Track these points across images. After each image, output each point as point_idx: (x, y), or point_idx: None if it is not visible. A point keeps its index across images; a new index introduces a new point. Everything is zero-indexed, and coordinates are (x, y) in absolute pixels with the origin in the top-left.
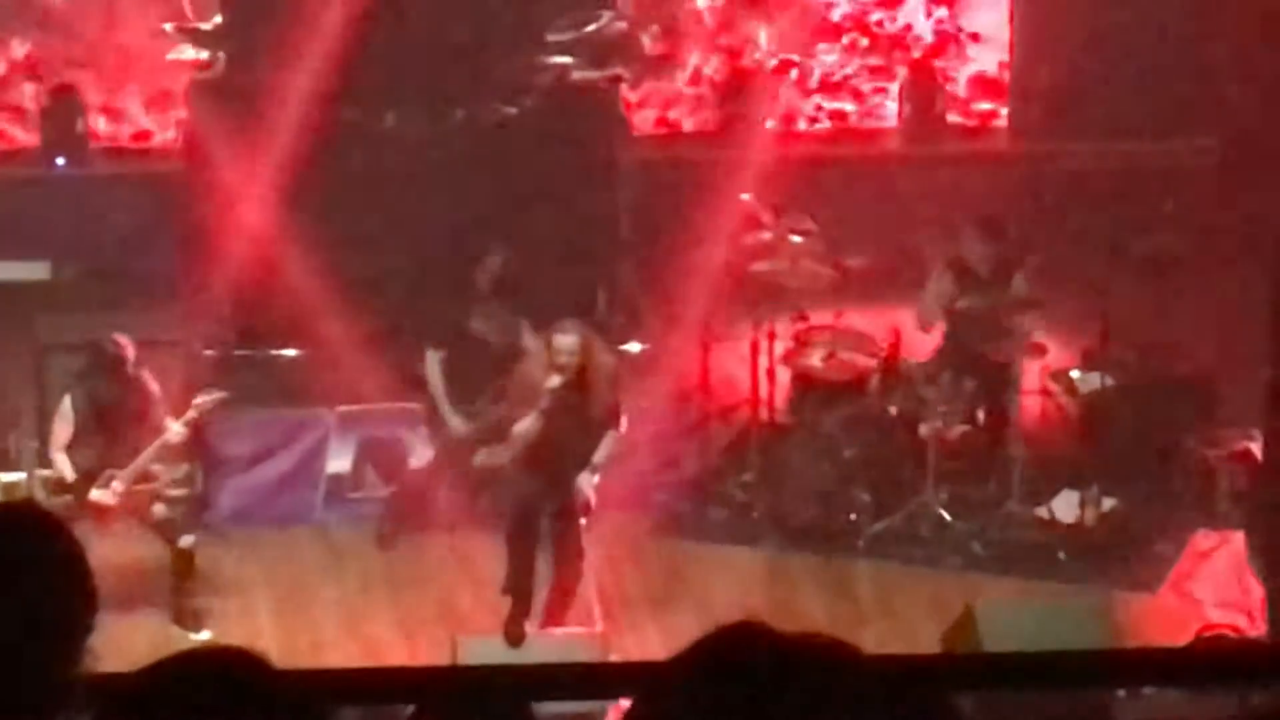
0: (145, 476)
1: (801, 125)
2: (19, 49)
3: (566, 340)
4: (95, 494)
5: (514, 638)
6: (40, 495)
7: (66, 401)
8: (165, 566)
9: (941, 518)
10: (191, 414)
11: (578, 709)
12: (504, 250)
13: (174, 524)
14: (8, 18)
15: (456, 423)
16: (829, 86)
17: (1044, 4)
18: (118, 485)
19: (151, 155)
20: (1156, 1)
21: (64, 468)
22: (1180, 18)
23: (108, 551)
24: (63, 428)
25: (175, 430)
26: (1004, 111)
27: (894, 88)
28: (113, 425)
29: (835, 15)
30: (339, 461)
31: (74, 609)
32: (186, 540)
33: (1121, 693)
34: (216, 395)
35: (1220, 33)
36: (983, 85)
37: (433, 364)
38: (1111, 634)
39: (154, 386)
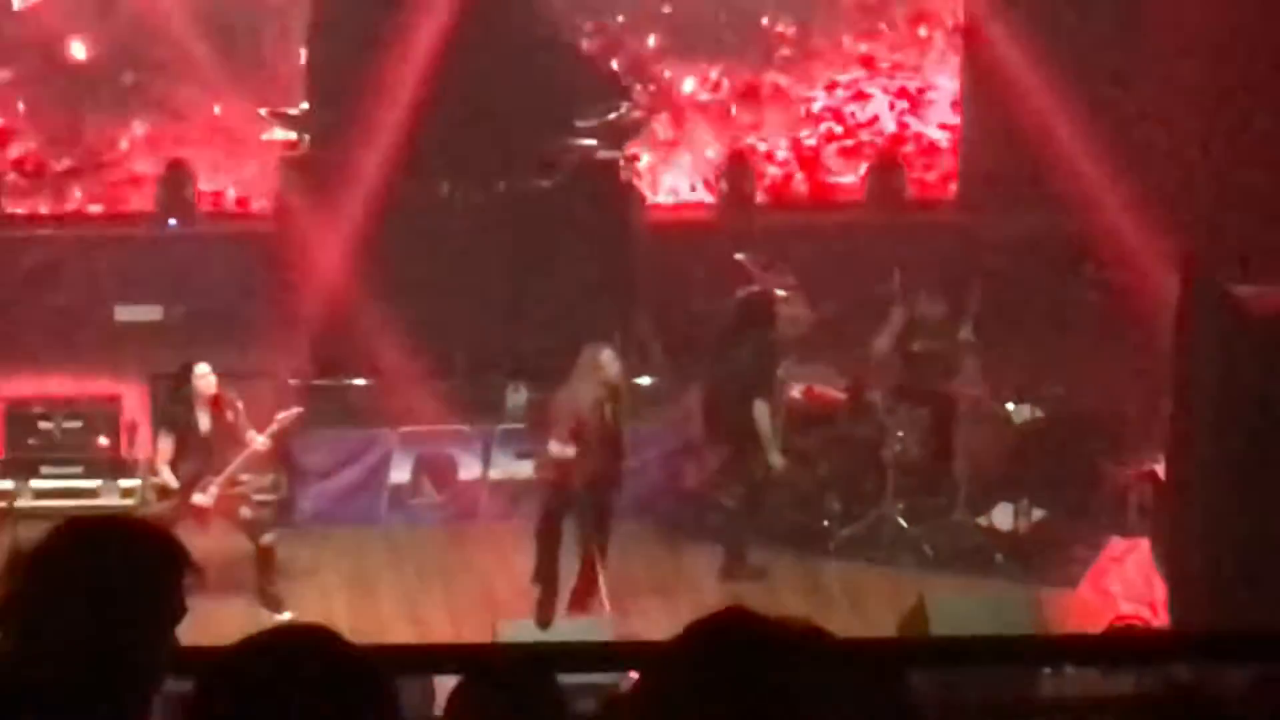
0: (234, 483)
1: (785, 198)
2: (139, 129)
3: (607, 354)
4: (196, 498)
5: (543, 620)
6: (151, 498)
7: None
8: (252, 559)
9: (899, 525)
10: (274, 427)
11: (594, 680)
12: None
13: (258, 524)
14: (131, 103)
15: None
16: (808, 165)
17: (988, 106)
18: (213, 490)
19: (248, 219)
20: (1082, 102)
21: (168, 477)
22: (1103, 115)
23: (205, 546)
24: (165, 444)
25: (260, 442)
26: (954, 188)
27: (862, 167)
28: (205, 441)
29: (815, 107)
30: (400, 473)
31: (164, 603)
32: (268, 538)
33: (1047, 670)
34: (294, 411)
35: (1133, 120)
36: (936, 166)
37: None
38: (1039, 622)
39: (239, 407)
